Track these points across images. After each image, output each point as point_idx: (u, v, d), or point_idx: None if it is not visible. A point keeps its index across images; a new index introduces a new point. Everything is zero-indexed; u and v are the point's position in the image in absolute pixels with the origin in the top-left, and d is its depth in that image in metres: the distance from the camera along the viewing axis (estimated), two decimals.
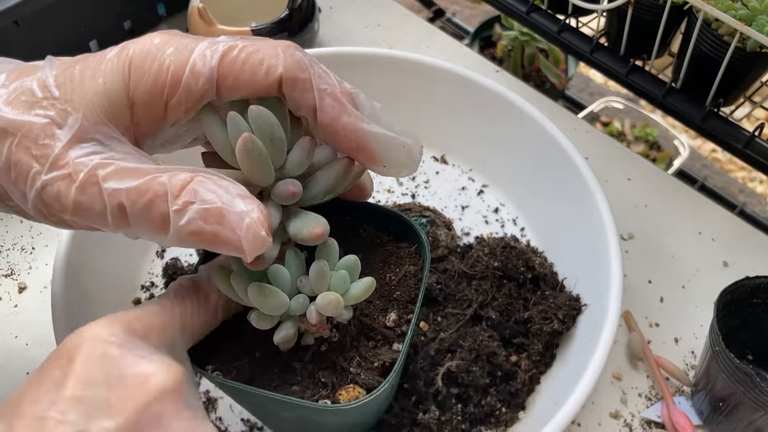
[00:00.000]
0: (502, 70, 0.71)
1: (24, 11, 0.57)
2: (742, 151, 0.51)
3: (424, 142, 0.38)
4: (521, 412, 0.46)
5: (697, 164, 1.34)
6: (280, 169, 0.32)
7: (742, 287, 0.45)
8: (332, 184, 0.33)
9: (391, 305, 0.37)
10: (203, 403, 0.47)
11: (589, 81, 1.47)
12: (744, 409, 0.43)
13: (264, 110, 0.30)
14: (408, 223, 0.38)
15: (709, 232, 0.59)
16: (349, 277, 0.33)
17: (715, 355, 0.43)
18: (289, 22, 0.64)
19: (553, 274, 0.51)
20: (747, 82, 0.51)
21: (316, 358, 0.35)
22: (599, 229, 0.48)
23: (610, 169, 0.62)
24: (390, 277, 0.38)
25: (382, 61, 0.58)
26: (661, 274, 0.56)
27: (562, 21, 0.58)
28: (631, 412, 0.49)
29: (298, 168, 0.32)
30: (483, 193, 0.60)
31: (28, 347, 0.51)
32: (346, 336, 0.35)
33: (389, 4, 0.77)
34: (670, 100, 0.54)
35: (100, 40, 0.67)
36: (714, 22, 0.47)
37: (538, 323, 0.47)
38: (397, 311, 0.37)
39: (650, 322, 0.53)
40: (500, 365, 0.46)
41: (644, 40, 0.53)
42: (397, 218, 0.39)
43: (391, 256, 0.38)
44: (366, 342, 0.36)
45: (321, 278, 0.32)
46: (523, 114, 0.55)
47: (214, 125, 0.31)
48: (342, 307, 0.32)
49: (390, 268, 0.38)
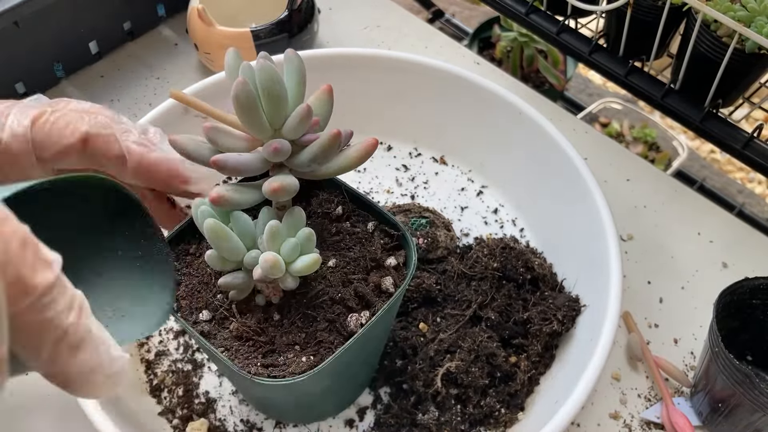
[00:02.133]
0: (501, 71, 0.71)
1: (24, 12, 0.57)
2: (741, 152, 0.51)
3: (423, 143, 0.38)
4: (520, 412, 0.46)
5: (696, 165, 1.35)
6: (279, 130, 0.34)
7: (742, 288, 0.45)
8: (317, 152, 0.34)
9: (361, 302, 0.37)
10: (202, 403, 0.47)
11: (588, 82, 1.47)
12: (743, 410, 0.43)
13: (268, 65, 0.32)
14: (393, 222, 0.39)
15: (709, 233, 0.59)
16: (299, 248, 0.34)
17: (715, 356, 0.43)
18: (289, 23, 0.64)
19: (552, 274, 0.52)
20: (746, 83, 0.51)
21: (262, 323, 0.36)
22: (598, 230, 0.48)
23: (609, 170, 0.62)
24: (364, 276, 0.38)
25: (381, 62, 0.58)
26: (661, 275, 0.56)
27: (561, 22, 0.58)
28: (631, 412, 0.49)
29: (292, 132, 0.33)
30: (482, 194, 0.60)
31: None
32: (291, 309, 0.36)
33: (388, 5, 0.77)
34: (669, 101, 0.54)
35: (100, 40, 0.67)
36: (713, 24, 0.48)
37: (537, 324, 0.47)
38: (363, 309, 0.37)
39: (649, 323, 0.53)
40: (499, 366, 0.46)
41: (643, 41, 0.53)
42: (387, 218, 0.39)
43: (374, 253, 0.39)
44: (311, 323, 0.36)
45: (271, 238, 0.33)
46: (522, 115, 0.55)
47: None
48: (280, 271, 0.33)
49: (369, 264, 0.38)
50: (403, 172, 0.61)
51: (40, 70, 0.64)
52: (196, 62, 0.70)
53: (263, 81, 0.32)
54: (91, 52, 0.68)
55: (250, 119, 0.32)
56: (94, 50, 0.68)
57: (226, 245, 0.33)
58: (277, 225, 0.33)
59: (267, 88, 0.32)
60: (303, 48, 0.63)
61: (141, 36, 0.71)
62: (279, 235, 0.33)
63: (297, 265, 0.33)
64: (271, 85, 0.32)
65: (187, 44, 0.70)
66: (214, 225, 0.32)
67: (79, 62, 0.67)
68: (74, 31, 0.65)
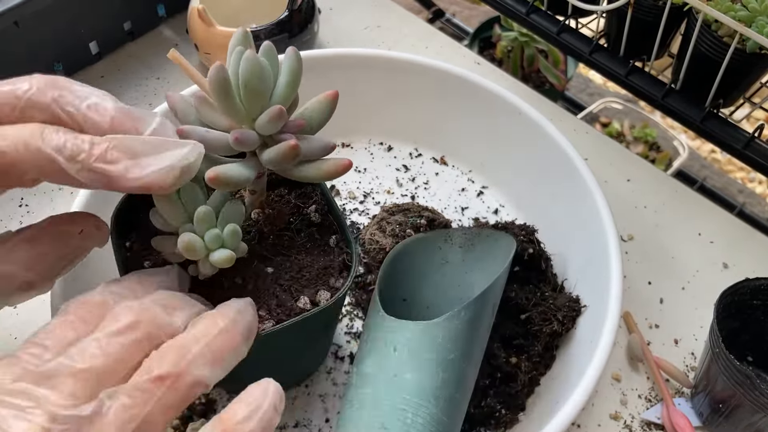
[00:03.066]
0: (502, 71, 0.71)
1: (24, 12, 0.57)
2: (742, 152, 0.51)
3: (423, 143, 0.39)
4: (521, 413, 0.46)
5: (697, 165, 1.35)
6: (253, 122, 0.34)
7: (742, 289, 0.45)
8: (272, 156, 0.34)
9: (302, 291, 0.37)
10: (202, 404, 0.47)
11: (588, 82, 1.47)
12: (744, 410, 0.43)
13: (254, 58, 0.32)
14: (348, 240, 0.40)
15: (709, 233, 0.59)
16: (222, 240, 0.34)
17: (715, 356, 0.43)
18: (289, 24, 0.64)
19: (552, 275, 0.52)
20: (747, 83, 0.50)
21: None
22: (599, 230, 0.48)
23: (610, 170, 0.62)
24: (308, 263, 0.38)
25: (381, 62, 0.58)
26: (661, 276, 0.56)
27: (562, 22, 0.58)
28: (631, 413, 0.49)
29: (262, 128, 0.33)
30: (483, 195, 0.60)
31: None
32: (215, 295, 0.36)
33: (389, 5, 0.77)
34: (670, 101, 0.54)
35: (100, 41, 0.67)
36: (714, 24, 0.47)
37: (537, 324, 0.47)
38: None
39: (650, 324, 0.53)
40: (500, 366, 0.46)
41: (644, 41, 0.53)
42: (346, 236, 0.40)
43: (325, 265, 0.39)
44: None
45: (201, 220, 0.33)
46: (522, 115, 0.55)
47: None
48: (197, 254, 0.33)
49: (315, 275, 0.39)
50: (404, 173, 0.61)
51: (40, 71, 0.63)
52: (196, 62, 0.70)
53: (244, 72, 0.32)
54: (91, 53, 0.68)
55: (224, 104, 0.33)
56: (94, 50, 0.68)
57: (167, 207, 0.33)
58: (208, 212, 0.33)
59: (246, 80, 0.32)
60: (303, 48, 0.63)
61: (141, 36, 0.71)
62: (207, 221, 0.34)
63: (214, 255, 0.34)
64: (249, 78, 0.32)
65: (188, 45, 0.70)
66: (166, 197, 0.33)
67: (79, 62, 0.67)
68: (74, 31, 0.65)
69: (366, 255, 0.52)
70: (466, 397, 0.42)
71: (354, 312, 0.52)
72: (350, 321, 0.51)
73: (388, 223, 0.52)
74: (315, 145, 0.35)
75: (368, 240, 0.52)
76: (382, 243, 0.51)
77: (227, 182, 0.33)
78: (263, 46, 0.34)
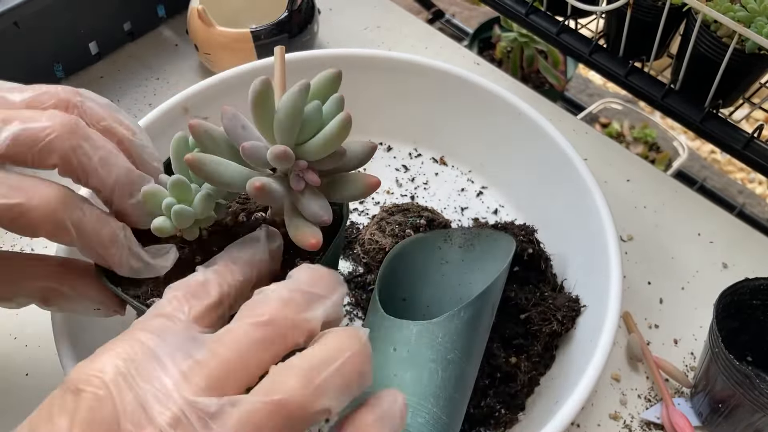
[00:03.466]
0: (502, 72, 0.71)
1: (24, 12, 0.57)
2: (741, 153, 0.51)
3: (423, 144, 0.38)
4: (521, 413, 0.46)
5: (697, 165, 1.35)
6: (300, 146, 0.34)
7: (742, 289, 0.45)
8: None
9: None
10: None
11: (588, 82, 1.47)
12: (743, 410, 0.43)
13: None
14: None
15: (709, 234, 0.59)
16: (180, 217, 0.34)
17: (715, 356, 0.43)
18: (289, 24, 0.64)
19: (552, 275, 0.52)
20: (746, 83, 0.51)
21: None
22: (598, 231, 0.48)
23: (610, 171, 0.62)
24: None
25: (381, 62, 0.58)
26: (661, 276, 0.56)
27: (561, 22, 0.58)
28: (631, 413, 0.49)
29: (312, 154, 0.33)
30: (482, 195, 0.60)
31: (28, 348, 0.51)
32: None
33: (388, 5, 0.77)
34: (669, 101, 0.54)
35: (99, 41, 0.67)
36: (713, 24, 0.48)
37: (537, 324, 0.47)
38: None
39: (650, 324, 0.53)
40: (499, 366, 0.46)
41: (643, 42, 0.53)
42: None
43: None
44: None
45: (177, 189, 0.34)
46: (522, 115, 0.55)
47: None
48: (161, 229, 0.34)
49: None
50: (403, 173, 0.61)
51: (40, 71, 0.64)
52: (196, 63, 0.70)
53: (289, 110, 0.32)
54: (91, 53, 0.68)
55: (261, 122, 0.33)
56: (94, 51, 0.68)
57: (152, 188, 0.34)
58: (186, 183, 0.34)
59: (289, 116, 0.32)
60: (303, 48, 0.63)
61: (141, 37, 0.71)
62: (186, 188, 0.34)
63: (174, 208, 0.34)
64: (293, 113, 0.32)
65: (188, 45, 0.70)
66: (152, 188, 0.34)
67: (79, 63, 0.67)
68: (74, 31, 0.65)
69: (365, 255, 0.52)
70: (465, 396, 0.42)
71: (354, 312, 0.52)
72: (350, 321, 0.51)
73: (388, 223, 0.52)
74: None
75: (368, 240, 0.52)
76: (381, 243, 0.51)
77: (269, 193, 0.32)
78: (313, 103, 0.33)
